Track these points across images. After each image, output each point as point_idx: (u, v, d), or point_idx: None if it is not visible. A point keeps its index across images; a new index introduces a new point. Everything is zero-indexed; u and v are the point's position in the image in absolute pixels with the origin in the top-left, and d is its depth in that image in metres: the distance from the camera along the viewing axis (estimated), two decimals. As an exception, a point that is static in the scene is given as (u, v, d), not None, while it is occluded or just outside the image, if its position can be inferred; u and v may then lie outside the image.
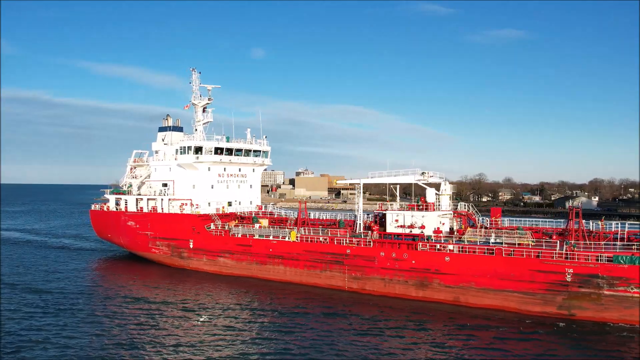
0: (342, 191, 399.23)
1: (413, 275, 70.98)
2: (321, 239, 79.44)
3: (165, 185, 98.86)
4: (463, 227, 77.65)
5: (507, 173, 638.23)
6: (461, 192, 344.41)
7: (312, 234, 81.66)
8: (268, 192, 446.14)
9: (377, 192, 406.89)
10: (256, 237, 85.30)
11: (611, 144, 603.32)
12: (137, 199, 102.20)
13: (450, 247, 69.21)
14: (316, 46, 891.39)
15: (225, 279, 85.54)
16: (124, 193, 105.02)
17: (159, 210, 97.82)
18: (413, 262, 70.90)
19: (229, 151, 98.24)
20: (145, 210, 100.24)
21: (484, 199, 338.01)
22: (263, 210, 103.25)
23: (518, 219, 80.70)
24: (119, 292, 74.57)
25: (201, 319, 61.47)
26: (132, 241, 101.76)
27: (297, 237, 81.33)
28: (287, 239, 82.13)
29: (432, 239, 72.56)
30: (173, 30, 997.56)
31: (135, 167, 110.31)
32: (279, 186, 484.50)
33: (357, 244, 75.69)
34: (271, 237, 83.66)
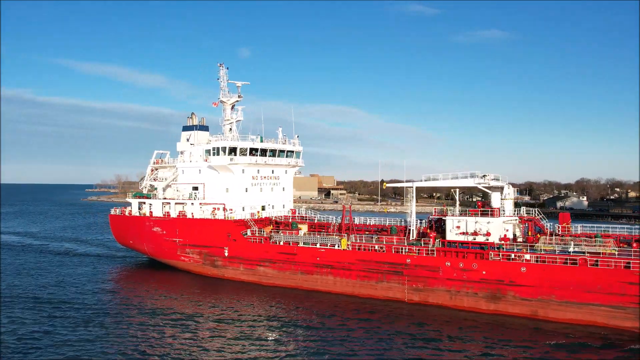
0: (332, 191, 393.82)
1: (484, 286, 65.93)
2: (376, 247, 73.91)
3: (195, 188, 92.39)
4: (530, 234, 72.75)
5: (493, 172, 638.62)
6: (450, 191, 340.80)
7: (364, 241, 76.13)
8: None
9: (367, 192, 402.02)
10: (301, 244, 79.47)
11: (597, 143, 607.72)
12: (163, 203, 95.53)
13: (527, 256, 64.19)
14: (301, 46, 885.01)
15: (266, 290, 79.69)
16: (147, 197, 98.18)
17: (189, 216, 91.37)
18: (483, 272, 65.84)
19: (263, 152, 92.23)
20: (172, 215, 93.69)
21: (473, 199, 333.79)
22: (298, 214, 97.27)
23: (590, 225, 75.75)
24: (153, 304, 68.84)
25: (270, 337, 55.84)
26: (157, 248, 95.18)
27: (348, 244, 75.71)
28: (336, 246, 76.51)
29: (503, 248, 67.46)
30: (158, 29, 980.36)
31: (156, 169, 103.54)
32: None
33: (419, 253, 70.35)
34: (318, 245, 77.91)
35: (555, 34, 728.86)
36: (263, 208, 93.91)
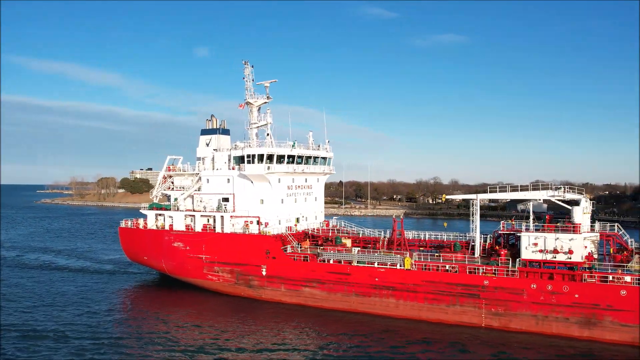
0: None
1: (576, 311, 60.28)
2: (447, 267, 67.18)
3: (226, 200, 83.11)
4: (612, 251, 67.62)
5: (449, 174, 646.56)
6: (412, 194, 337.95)
7: (429, 259, 69.34)
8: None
9: (328, 195, 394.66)
10: (354, 263, 71.88)
11: (551, 144, 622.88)
12: (186, 216, 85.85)
13: (627, 278, 58.85)
14: (259, 47, 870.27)
15: (314, 313, 71.93)
16: (166, 208, 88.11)
17: (218, 230, 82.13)
18: (576, 295, 60.18)
19: (299, 159, 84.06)
20: (197, 229, 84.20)
21: (430, 201, 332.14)
22: (332, 226, 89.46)
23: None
24: (196, 337, 59.55)
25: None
26: (179, 266, 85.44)
27: (412, 264, 68.66)
28: (398, 266, 69.31)
29: (595, 268, 61.94)
30: (112, 27, 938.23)
31: (170, 177, 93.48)
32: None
33: (497, 274, 64.06)
34: (376, 264, 70.55)
35: (508, 38, 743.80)
36: (297, 220, 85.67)
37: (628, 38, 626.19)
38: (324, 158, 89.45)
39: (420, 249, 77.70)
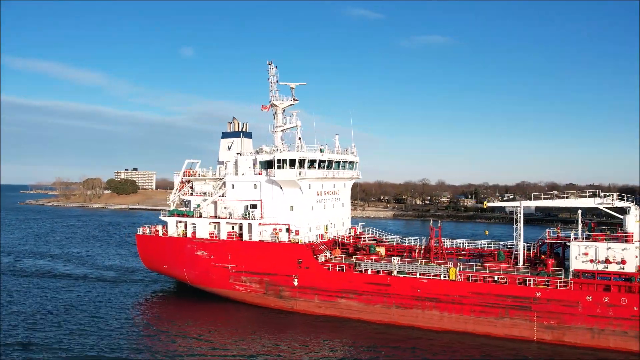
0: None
1: (636, 324, 58.05)
2: (495, 278, 64.57)
3: (254, 206, 79.47)
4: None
5: (435, 175, 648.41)
6: (399, 195, 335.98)
7: (474, 269, 66.73)
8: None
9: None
10: (395, 274, 68.93)
11: (535, 145, 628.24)
12: (210, 223, 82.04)
13: (691, 291, 56.79)
14: (244, 47, 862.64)
15: (350, 325, 68.96)
16: (188, 214, 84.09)
17: (245, 238, 78.52)
18: (635, 308, 57.94)
19: (329, 164, 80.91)
20: (222, 236, 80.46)
21: (418, 202, 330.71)
22: (359, 233, 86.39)
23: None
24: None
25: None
26: (203, 275, 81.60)
27: (457, 274, 65.93)
28: (442, 276, 66.53)
29: (653, 279, 59.81)
30: (95, 27, 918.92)
31: (189, 182, 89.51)
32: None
33: (549, 285, 61.65)
34: (418, 275, 67.69)
35: (493, 40, 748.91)
36: (326, 228, 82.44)
37: (614, 38, 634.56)
38: (351, 162, 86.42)
39: (459, 257, 75.13)
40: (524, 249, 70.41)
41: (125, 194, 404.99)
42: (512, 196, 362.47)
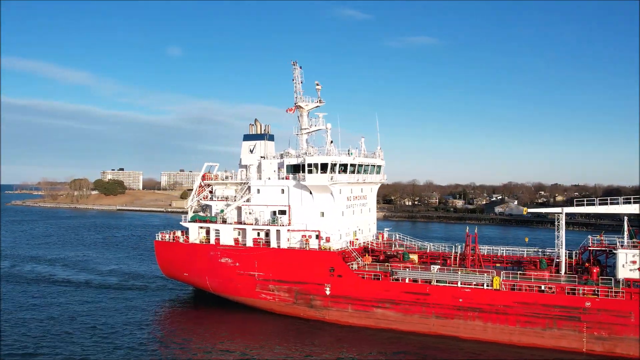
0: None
1: (692, 336, 56.27)
2: (543, 287, 62.44)
3: (283, 212, 76.46)
4: None
5: (423, 175, 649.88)
6: (388, 196, 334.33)
7: (518, 279, 64.61)
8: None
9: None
10: (434, 282, 66.52)
11: (520, 145, 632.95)
12: (235, 229, 78.91)
13: None
14: (233, 47, 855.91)
15: (387, 336, 66.48)
16: (211, 220, 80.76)
17: (273, 245, 75.53)
18: (690, 319, 56.18)
19: (360, 168, 78.38)
20: (248, 243, 77.38)
21: (408, 203, 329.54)
22: (386, 238, 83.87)
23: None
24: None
25: None
26: (226, 283, 78.43)
27: (501, 283, 63.71)
28: (485, 285, 64.25)
29: None
30: (82, 26, 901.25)
31: (209, 185, 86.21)
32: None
33: (598, 295, 59.71)
34: (459, 284, 65.37)
35: (478, 41, 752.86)
36: (355, 234, 79.78)
37: (599, 39, 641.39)
38: (379, 166, 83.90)
39: (496, 265, 73.04)
40: (566, 256, 68.40)
41: (113, 195, 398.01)
42: (499, 197, 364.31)
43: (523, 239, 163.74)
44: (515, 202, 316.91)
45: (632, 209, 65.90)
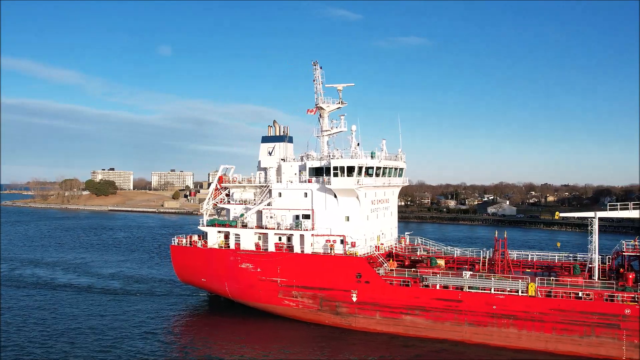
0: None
1: None
2: (580, 294, 61.05)
3: (307, 217, 74.41)
4: None
5: (413, 175, 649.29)
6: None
7: (554, 285, 63.20)
8: (186, 196, 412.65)
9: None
10: (466, 289, 64.91)
11: (512, 145, 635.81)
12: (256, 234, 76.74)
13: None
14: (224, 47, 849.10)
15: (417, 344, 64.91)
16: (230, 224, 78.46)
17: (297, 250, 73.49)
18: None
19: (384, 171, 76.63)
20: (269, 248, 75.28)
21: (401, 203, 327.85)
22: (408, 243, 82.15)
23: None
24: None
25: None
26: (247, 289, 76.24)
27: (536, 290, 62.24)
28: (520, 292, 62.75)
29: None
30: (71, 25, 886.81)
31: (226, 188, 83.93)
32: (197, 190, 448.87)
33: (638, 301, 58.47)
34: (492, 290, 63.81)
35: (469, 41, 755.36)
36: (378, 238, 77.97)
37: (587, 40, 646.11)
38: (401, 169, 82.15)
39: (525, 270, 71.62)
40: (599, 261, 67.13)
41: (105, 195, 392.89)
42: (491, 197, 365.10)
43: (519, 240, 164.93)
44: (507, 202, 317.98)
45: (667, 214, 64.80)
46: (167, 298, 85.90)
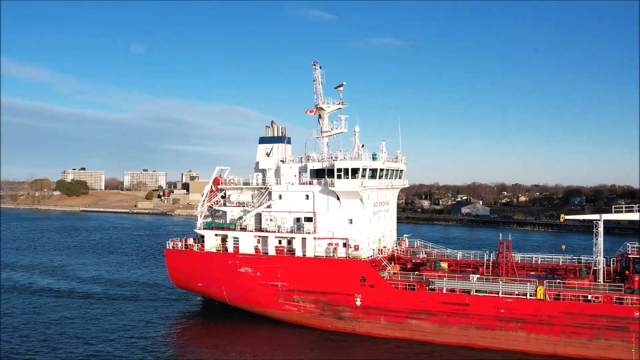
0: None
1: None
2: (589, 297, 60.82)
3: (309, 219, 72.69)
4: None
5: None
6: None
7: (562, 288, 62.91)
8: (160, 196, 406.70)
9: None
10: (473, 292, 64.17)
11: (485, 145, 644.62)
12: (255, 237, 74.70)
13: None
14: (198, 45, 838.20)
15: (422, 349, 63.90)
16: (228, 227, 76.22)
17: (298, 253, 71.74)
18: None
19: (387, 173, 75.52)
20: (270, 252, 73.36)
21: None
22: (408, 245, 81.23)
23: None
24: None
25: None
26: (246, 294, 74.15)
27: (545, 293, 61.84)
28: (527, 295, 62.27)
29: None
30: (41, 21, 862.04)
31: (221, 190, 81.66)
32: (171, 190, 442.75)
33: (647, 304, 58.51)
34: (500, 293, 63.20)
35: (440, 43, 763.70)
36: (379, 241, 76.76)
37: (568, 40, 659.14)
38: (401, 170, 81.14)
39: (530, 273, 71.29)
40: (604, 264, 67.14)
41: (76, 196, 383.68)
42: (464, 197, 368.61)
43: (493, 239, 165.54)
44: (480, 203, 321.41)
45: (672, 216, 65.12)
46: (152, 302, 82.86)
